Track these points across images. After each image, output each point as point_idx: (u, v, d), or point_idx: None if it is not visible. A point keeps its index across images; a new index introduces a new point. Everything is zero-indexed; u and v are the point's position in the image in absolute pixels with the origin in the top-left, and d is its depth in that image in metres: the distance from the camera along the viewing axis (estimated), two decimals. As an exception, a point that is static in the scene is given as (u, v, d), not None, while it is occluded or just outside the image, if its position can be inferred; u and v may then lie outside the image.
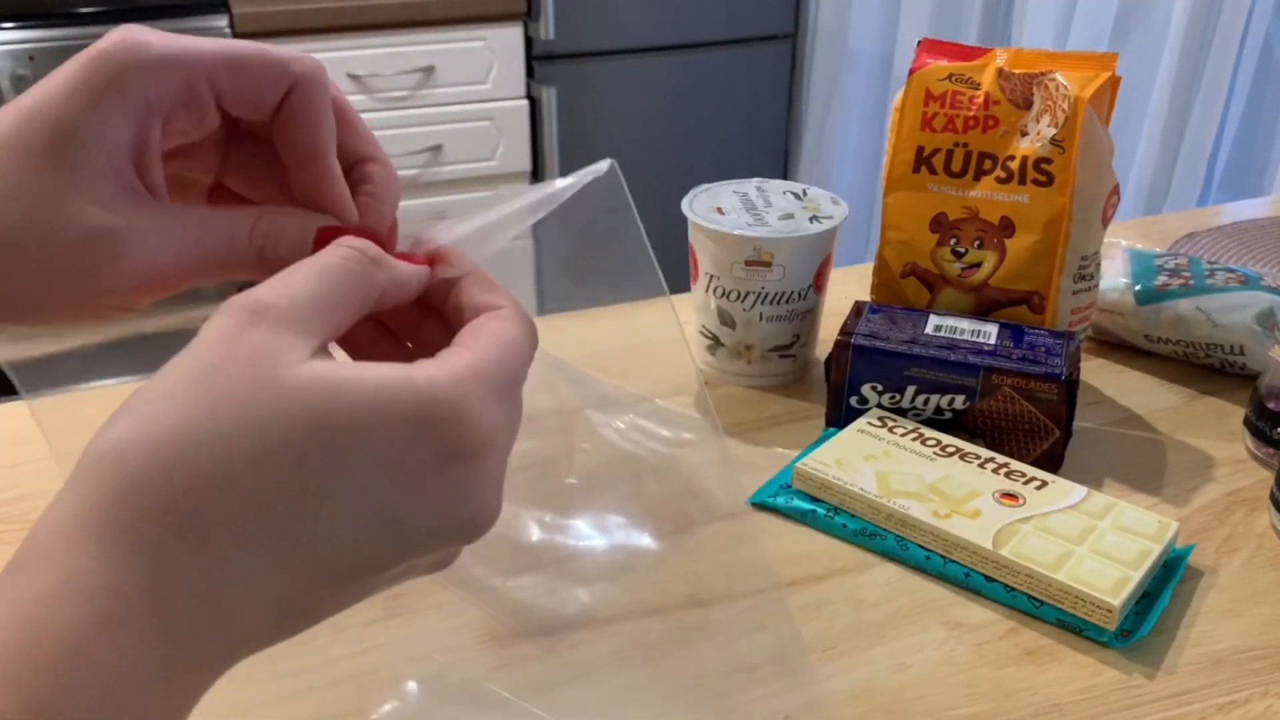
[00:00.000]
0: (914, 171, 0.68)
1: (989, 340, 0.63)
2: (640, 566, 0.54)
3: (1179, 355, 0.74)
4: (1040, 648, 0.51)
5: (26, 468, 0.63)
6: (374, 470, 0.27)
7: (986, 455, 0.60)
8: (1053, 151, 0.64)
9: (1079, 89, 0.63)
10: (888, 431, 0.62)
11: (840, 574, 0.55)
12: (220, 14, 1.91)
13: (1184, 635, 0.51)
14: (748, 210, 0.69)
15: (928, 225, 0.68)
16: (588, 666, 0.49)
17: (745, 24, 2.36)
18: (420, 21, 2.05)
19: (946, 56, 0.68)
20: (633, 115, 2.33)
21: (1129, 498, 0.61)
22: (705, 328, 0.72)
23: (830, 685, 0.48)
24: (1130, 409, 0.70)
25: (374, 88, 2.07)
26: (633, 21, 2.25)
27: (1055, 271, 0.66)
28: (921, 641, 0.51)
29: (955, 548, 0.54)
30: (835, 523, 0.58)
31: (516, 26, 2.13)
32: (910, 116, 0.68)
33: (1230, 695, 0.48)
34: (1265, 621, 0.52)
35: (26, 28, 1.81)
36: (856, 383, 0.65)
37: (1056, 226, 0.65)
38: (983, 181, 0.67)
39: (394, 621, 0.51)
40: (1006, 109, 0.66)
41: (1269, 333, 0.69)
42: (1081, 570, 0.51)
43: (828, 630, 0.51)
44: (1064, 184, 0.64)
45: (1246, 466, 0.64)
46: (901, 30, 2.22)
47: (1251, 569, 0.56)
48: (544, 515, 0.55)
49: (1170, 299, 0.73)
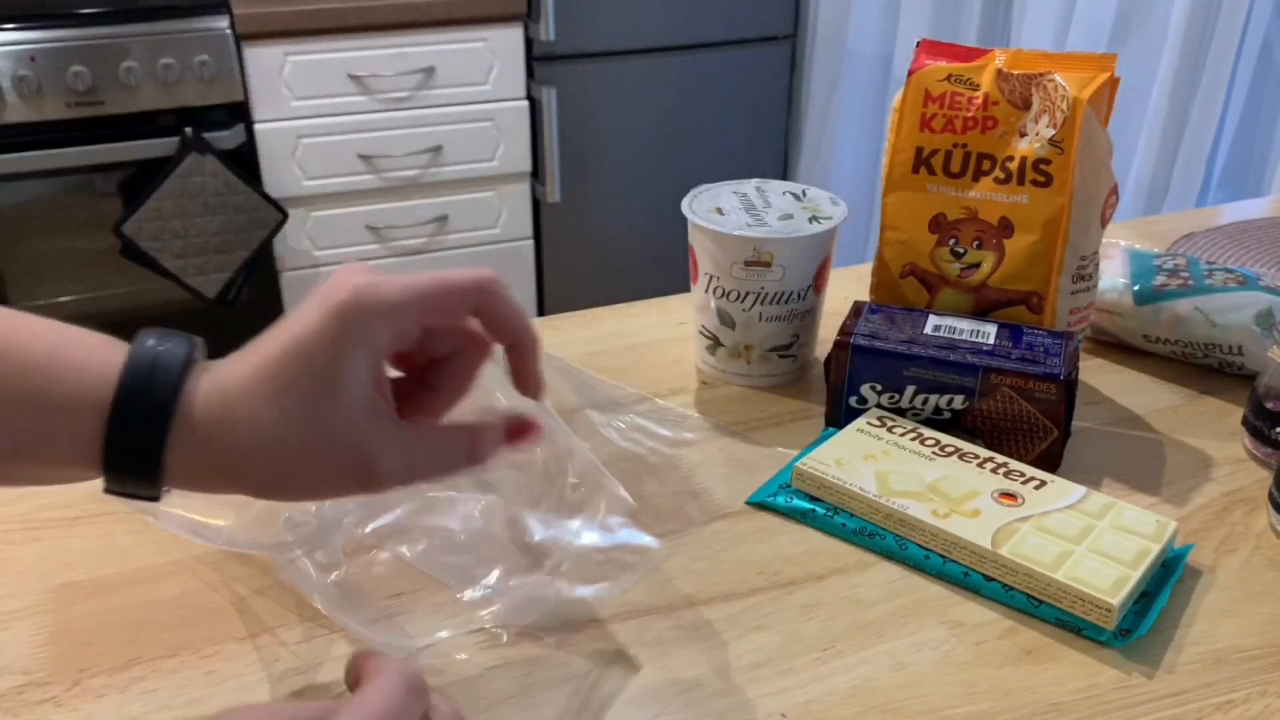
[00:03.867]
0: (913, 172, 0.69)
1: (988, 340, 0.63)
2: (640, 566, 0.54)
3: (1177, 355, 0.74)
4: (1039, 647, 0.51)
5: (27, 467, 0.63)
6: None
7: (985, 455, 0.60)
8: (1051, 152, 0.64)
9: (1078, 90, 0.63)
10: (887, 431, 0.62)
11: (839, 573, 0.55)
12: (220, 14, 1.91)
13: (1182, 635, 0.51)
14: (747, 211, 0.70)
15: (927, 225, 0.69)
16: (587, 666, 0.49)
17: (745, 24, 2.36)
18: (420, 22, 2.05)
19: (946, 57, 0.69)
20: (633, 116, 2.33)
21: (1128, 497, 0.61)
22: (705, 328, 0.72)
23: (829, 684, 0.48)
24: (1129, 409, 0.70)
25: (374, 88, 2.07)
26: (633, 22, 2.25)
27: (1054, 272, 0.66)
28: (920, 641, 0.51)
29: (954, 547, 0.54)
30: (834, 522, 0.58)
31: (517, 27, 2.13)
32: (909, 117, 0.69)
33: (1229, 694, 0.48)
34: (1264, 621, 0.52)
35: (26, 28, 1.81)
36: (856, 383, 0.65)
37: (1055, 227, 0.65)
38: (982, 182, 0.67)
39: (393, 621, 0.51)
40: (1005, 110, 0.66)
41: (1267, 333, 0.70)
42: (1080, 570, 0.51)
43: (827, 629, 0.51)
44: (1063, 184, 0.64)
45: (1245, 466, 0.64)
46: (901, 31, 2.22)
47: (1250, 568, 0.56)
48: (544, 515, 0.55)
49: (1169, 299, 0.73)
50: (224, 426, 0.40)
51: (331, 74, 2.04)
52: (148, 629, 0.51)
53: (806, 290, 0.69)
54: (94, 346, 0.41)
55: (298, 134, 2.06)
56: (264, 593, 0.53)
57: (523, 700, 0.47)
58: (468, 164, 2.20)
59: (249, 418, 0.40)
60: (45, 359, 0.40)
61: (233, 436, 0.40)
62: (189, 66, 1.90)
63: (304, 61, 2.01)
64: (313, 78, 2.03)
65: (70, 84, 1.84)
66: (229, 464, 0.40)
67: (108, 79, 1.86)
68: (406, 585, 0.54)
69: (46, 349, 0.40)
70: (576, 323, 0.81)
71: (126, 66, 1.85)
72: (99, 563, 0.55)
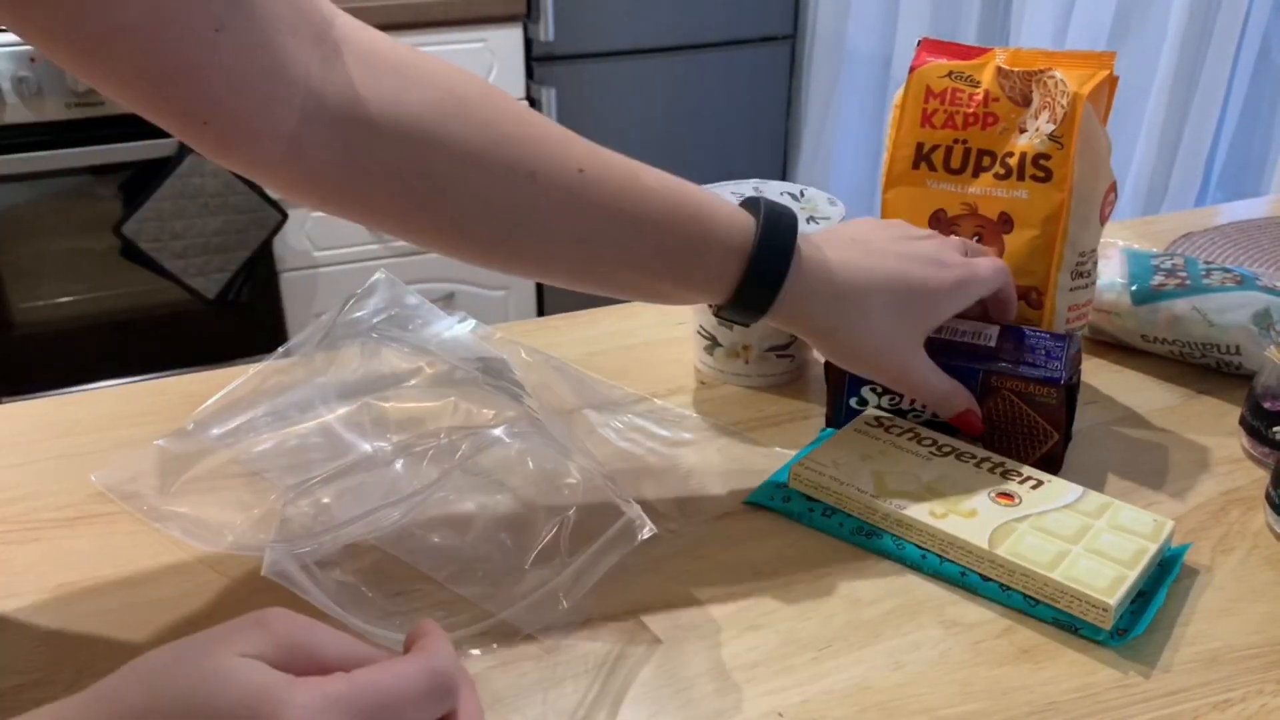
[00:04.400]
0: (913, 168, 0.69)
1: (989, 342, 0.63)
2: (638, 566, 0.54)
3: (1175, 355, 0.74)
4: (1036, 646, 0.51)
5: (26, 468, 0.63)
6: None
7: (983, 455, 0.60)
8: (1051, 148, 0.64)
9: (1078, 85, 0.63)
10: (884, 431, 0.62)
11: (836, 573, 0.55)
12: (220, 15, 1.91)
13: (1179, 634, 0.52)
14: (745, 211, 0.70)
15: (927, 221, 0.69)
16: (587, 665, 0.49)
17: (745, 25, 2.36)
18: (420, 22, 2.05)
19: (946, 56, 0.69)
20: (632, 116, 2.33)
21: (1125, 497, 0.61)
22: (703, 328, 0.72)
23: (826, 684, 0.48)
24: (1127, 408, 0.70)
25: (373, 89, 2.07)
26: (632, 22, 2.25)
27: (1053, 267, 0.66)
28: (917, 640, 0.51)
29: (951, 547, 0.54)
30: (832, 522, 0.58)
31: (516, 28, 2.13)
32: (910, 113, 0.69)
33: (1225, 694, 0.48)
34: (1261, 620, 0.52)
35: (26, 29, 1.81)
36: (856, 384, 0.65)
37: (1055, 222, 0.65)
38: (981, 178, 0.67)
39: (394, 620, 0.51)
40: (1006, 106, 0.66)
41: (1265, 332, 0.70)
42: (1077, 569, 0.52)
43: (824, 629, 0.51)
44: (1062, 180, 0.64)
45: (1243, 466, 0.64)
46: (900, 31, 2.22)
47: (1247, 568, 0.56)
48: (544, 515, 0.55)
49: (1166, 299, 0.73)
50: (825, 289, 0.57)
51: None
52: (147, 629, 0.51)
53: (805, 290, 0.69)
54: (732, 210, 0.56)
55: (297, 134, 2.06)
56: (263, 592, 0.53)
57: (523, 700, 0.47)
58: (467, 164, 2.20)
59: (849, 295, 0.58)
60: (700, 210, 0.55)
61: (830, 298, 0.58)
62: (189, 67, 1.90)
63: (304, 62, 2.01)
64: (312, 78, 2.02)
65: (70, 85, 1.84)
66: (818, 314, 0.58)
67: (107, 79, 1.86)
68: (406, 585, 0.54)
69: (700, 202, 0.55)
70: (575, 323, 0.81)
71: (126, 67, 1.85)
72: (98, 563, 0.55)
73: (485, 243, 0.53)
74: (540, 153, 0.52)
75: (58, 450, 0.64)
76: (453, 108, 0.50)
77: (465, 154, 0.50)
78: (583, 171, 0.52)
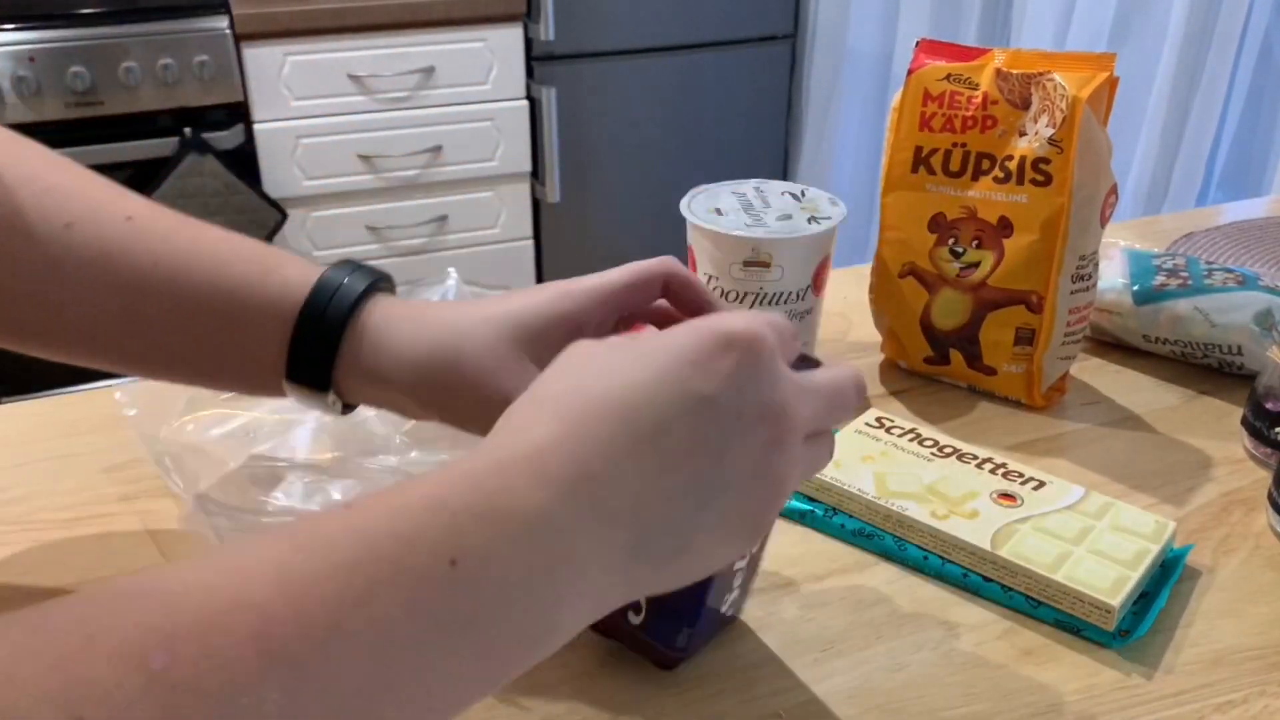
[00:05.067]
0: (912, 171, 0.69)
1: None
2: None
3: (1177, 355, 0.74)
4: (1038, 648, 0.51)
5: (26, 468, 0.63)
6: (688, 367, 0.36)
7: (984, 455, 0.60)
8: (1051, 151, 0.64)
9: (1077, 89, 0.63)
10: (885, 432, 0.62)
11: (838, 574, 0.55)
12: (220, 14, 1.91)
13: (1182, 635, 0.51)
14: (746, 211, 0.69)
15: (926, 225, 0.69)
16: (587, 665, 0.49)
17: (745, 24, 2.36)
18: (420, 22, 2.05)
19: (945, 57, 0.69)
20: (633, 116, 2.33)
21: (1127, 498, 0.61)
22: (704, 328, 0.72)
23: (828, 685, 0.48)
24: (1128, 409, 0.70)
25: (374, 88, 2.07)
26: (632, 22, 2.25)
27: (1053, 271, 0.66)
28: (919, 641, 0.51)
29: (953, 548, 0.54)
30: (833, 523, 0.58)
31: (516, 27, 2.13)
32: (908, 116, 0.69)
33: (1228, 695, 0.48)
34: (1263, 621, 0.52)
35: (26, 28, 1.81)
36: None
37: (1055, 226, 0.65)
38: (981, 181, 0.67)
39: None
40: (1005, 109, 0.66)
41: (1267, 333, 0.69)
42: (1079, 570, 0.51)
43: (825, 630, 0.51)
44: (1062, 184, 0.64)
45: (1244, 466, 0.64)
46: (900, 31, 2.22)
47: (1249, 569, 0.56)
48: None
49: (1168, 299, 0.73)
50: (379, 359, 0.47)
51: (331, 74, 2.04)
52: (146, 630, 0.51)
53: (805, 291, 0.69)
54: (292, 271, 0.48)
55: (297, 134, 2.06)
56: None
57: (522, 700, 0.47)
58: (467, 164, 2.20)
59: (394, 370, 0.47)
60: (245, 280, 0.48)
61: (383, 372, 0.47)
62: (188, 67, 1.90)
63: (303, 61, 2.01)
64: (312, 78, 2.03)
65: (70, 84, 1.84)
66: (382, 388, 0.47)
67: (107, 79, 1.86)
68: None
69: (246, 273, 0.48)
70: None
71: (126, 67, 1.85)
72: (98, 563, 0.55)
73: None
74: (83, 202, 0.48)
75: (58, 450, 0.64)
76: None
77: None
78: (131, 219, 0.48)
